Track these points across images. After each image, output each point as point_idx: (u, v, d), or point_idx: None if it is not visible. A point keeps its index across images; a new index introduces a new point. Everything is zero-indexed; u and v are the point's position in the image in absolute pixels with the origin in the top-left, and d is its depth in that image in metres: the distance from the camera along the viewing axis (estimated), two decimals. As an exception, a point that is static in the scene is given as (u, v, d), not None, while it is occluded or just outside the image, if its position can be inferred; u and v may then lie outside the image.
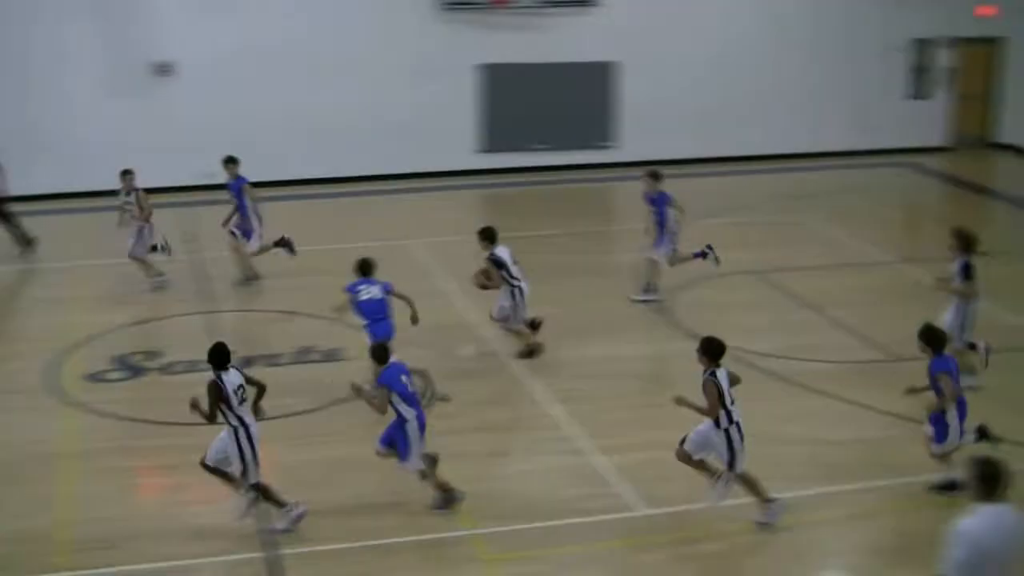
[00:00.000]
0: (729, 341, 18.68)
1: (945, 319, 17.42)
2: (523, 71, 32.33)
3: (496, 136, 32.75)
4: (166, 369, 19.46)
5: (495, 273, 19.34)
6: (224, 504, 14.60)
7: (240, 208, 23.12)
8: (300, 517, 14.30)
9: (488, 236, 19.48)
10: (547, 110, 32.79)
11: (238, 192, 23.13)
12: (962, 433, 14.73)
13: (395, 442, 14.51)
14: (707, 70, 33.29)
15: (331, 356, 19.81)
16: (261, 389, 14.55)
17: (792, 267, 24.25)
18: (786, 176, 32.93)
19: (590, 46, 32.51)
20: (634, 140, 33.16)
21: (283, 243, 23.15)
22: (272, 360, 19.62)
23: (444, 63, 31.73)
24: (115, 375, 19.22)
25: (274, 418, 15.28)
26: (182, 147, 30.16)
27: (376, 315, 17.72)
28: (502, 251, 19.42)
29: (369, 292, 17.75)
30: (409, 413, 14.36)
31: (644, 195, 22.28)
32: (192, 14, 30.08)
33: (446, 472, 14.69)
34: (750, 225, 27.75)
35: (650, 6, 32.63)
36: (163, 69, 30.21)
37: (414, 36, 31.55)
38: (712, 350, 14.14)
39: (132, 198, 23.17)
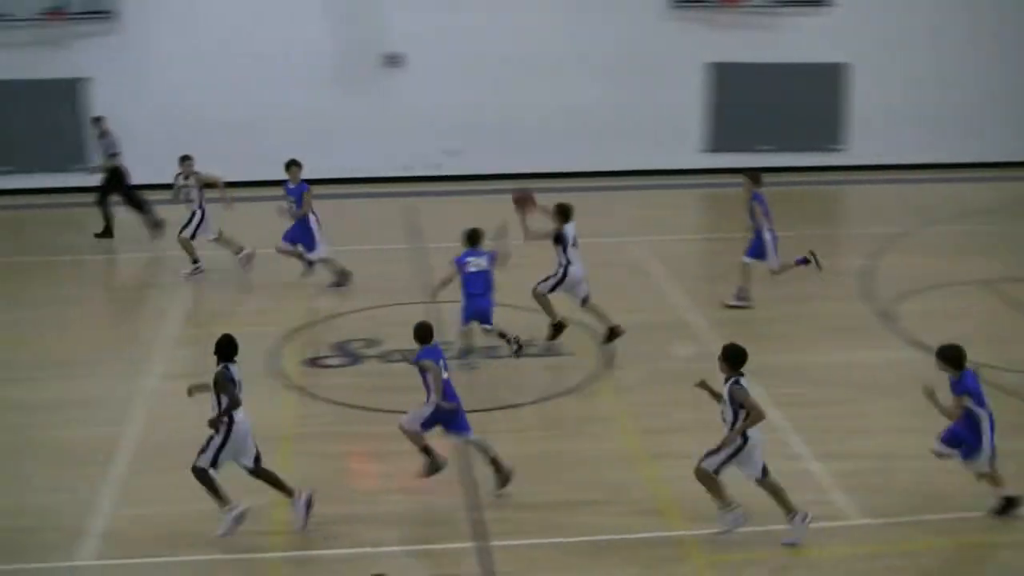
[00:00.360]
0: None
1: None
2: (752, 71, 31.90)
3: (722, 136, 32.41)
4: (384, 357, 19.65)
5: (548, 239, 19.33)
6: (431, 494, 14.73)
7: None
8: (240, 517, 13.98)
9: (563, 212, 19.42)
10: (775, 111, 32.32)
11: (299, 197, 22.72)
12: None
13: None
14: (940, 73, 32.39)
15: (549, 351, 19.79)
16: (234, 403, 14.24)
17: (1022, 277, 23.46)
18: (1019, 184, 31.90)
19: (821, 47, 31.92)
20: (863, 143, 32.50)
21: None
22: (491, 352, 19.65)
23: (672, 61, 31.52)
24: (335, 361, 19.48)
25: (490, 410, 15.29)
26: (407, 138, 30.58)
27: (479, 288, 18.70)
28: (569, 228, 19.42)
29: (476, 263, 18.70)
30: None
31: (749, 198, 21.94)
32: (421, 7, 30.42)
33: (662, 471, 14.52)
34: (979, 233, 26.96)
35: (883, 7, 31.88)
36: (393, 61, 30.63)
37: (643, 34, 31.41)
38: (733, 357, 13.79)
39: (192, 182, 23.58)
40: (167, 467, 15.83)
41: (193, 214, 23.62)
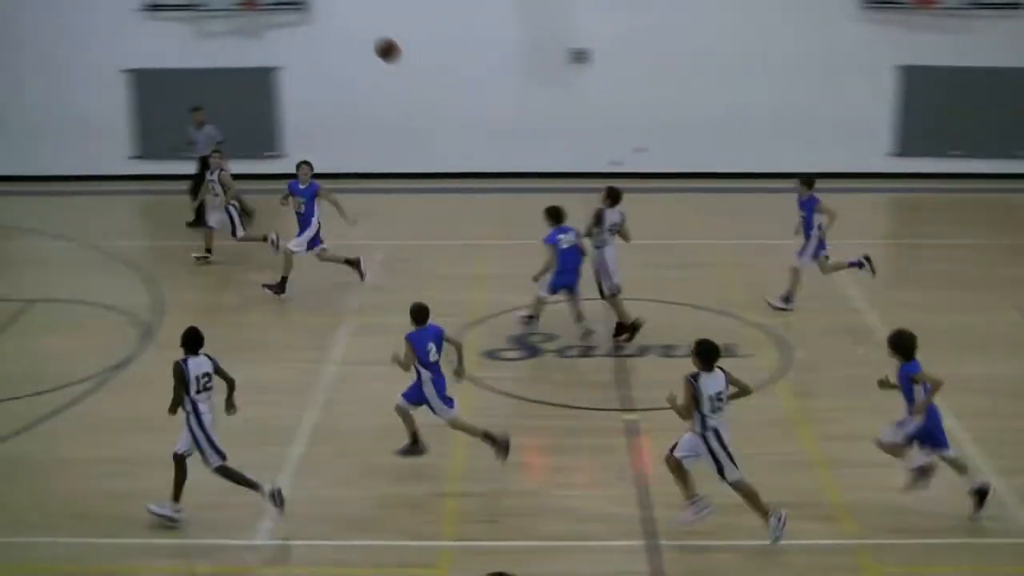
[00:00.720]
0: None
1: None
2: (945, 74, 31.24)
3: (912, 140, 31.80)
4: (561, 352, 19.69)
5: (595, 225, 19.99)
6: (602, 489, 14.77)
7: (306, 212, 22.44)
8: (278, 495, 14.24)
9: (611, 196, 20.15)
10: (967, 115, 31.60)
11: (311, 197, 22.42)
12: (935, 443, 14.10)
13: (421, 399, 15.39)
14: None
15: (725, 352, 19.61)
16: (230, 384, 14.60)
17: None
18: None
19: (1016, 50, 31.10)
20: (1058, 150, 31.71)
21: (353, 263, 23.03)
22: (668, 351, 19.62)
23: (863, 63, 30.99)
24: (512, 354, 19.58)
25: (666, 408, 15.18)
26: (591, 135, 30.61)
27: (570, 264, 19.60)
28: (612, 213, 20.06)
29: (567, 240, 19.62)
30: (424, 374, 15.31)
31: (797, 199, 21.89)
32: (608, 5, 30.45)
33: (837, 478, 14.35)
34: None
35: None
36: (579, 56, 30.69)
37: (833, 34, 30.96)
38: (704, 352, 13.71)
39: (215, 177, 23.94)
40: (343, 451, 16.17)
41: (229, 212, 24.09)
